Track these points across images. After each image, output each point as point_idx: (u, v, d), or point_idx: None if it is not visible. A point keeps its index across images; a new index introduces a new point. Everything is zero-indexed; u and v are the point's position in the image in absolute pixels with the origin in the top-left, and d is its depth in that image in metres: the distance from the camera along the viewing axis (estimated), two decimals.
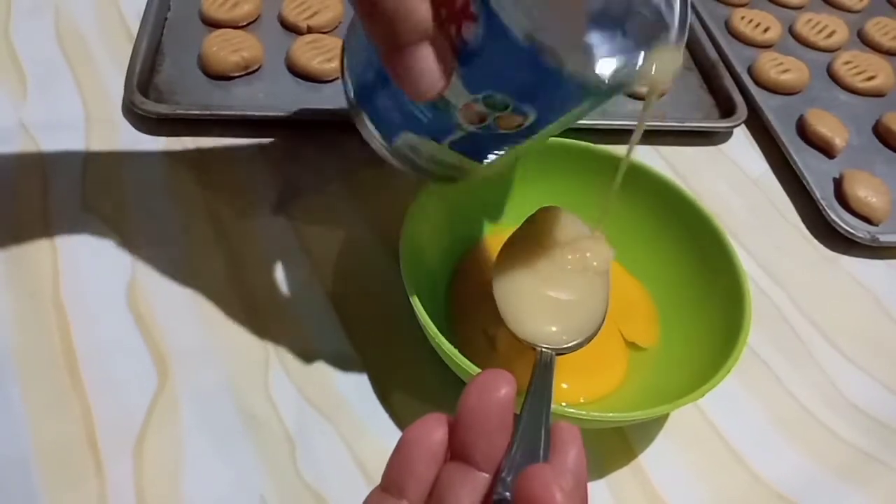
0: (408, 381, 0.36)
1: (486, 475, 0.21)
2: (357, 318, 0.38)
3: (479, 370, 0.29)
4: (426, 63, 0.23)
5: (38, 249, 0.38)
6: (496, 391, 0.21)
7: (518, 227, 0.35)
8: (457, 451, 0.22)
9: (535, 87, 0.24)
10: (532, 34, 0.22)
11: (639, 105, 0.52)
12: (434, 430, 0.22)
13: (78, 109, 0.46)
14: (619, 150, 0.39)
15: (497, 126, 0.26)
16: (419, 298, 0.31)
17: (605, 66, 0.23)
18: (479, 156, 0.29)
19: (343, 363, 0.36)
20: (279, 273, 0.39)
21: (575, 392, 0.35)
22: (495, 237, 0.40)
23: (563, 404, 0.34)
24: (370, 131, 0.30)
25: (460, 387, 0.23)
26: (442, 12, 0.23)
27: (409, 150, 0.30)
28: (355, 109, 0.31)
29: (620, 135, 0.49)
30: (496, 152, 0.29)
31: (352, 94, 0.31)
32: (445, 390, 0.34)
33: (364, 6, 0.22)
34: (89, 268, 0.38)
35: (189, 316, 0.37)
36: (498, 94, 0.25)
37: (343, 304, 0.38)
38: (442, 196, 0.37)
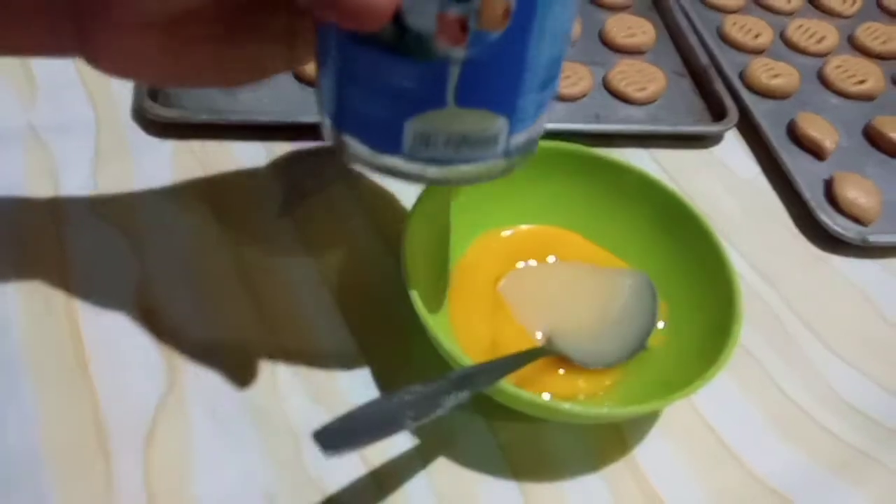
0: (410, 378, 0.36)
1: None
2: (361, 317, 0.39)
3: None
4: None
5: (47, 251, 0.39)
6: None
7: None
8: None
9: None
10: None
11: (633, 110, 0.53)
12: None
13: (87, 113, 0.47)
14: (613, 154, 0.40)
15: (485, 30, 0.23)
16: (420, 298, 0.33)
17: None
18: (498, 101, 0.26)
19: (347, 361, 0.37)
20: (285, 273, 0.40)
21: (572, 388, 0.36)
22: (495, 237, 0.41)
23: (559, 400, 0.34)
24: (372, 156, 0.27)
25: None
26: None
27: (424, 146, 0.26)
28: (353, 149, 0.28)
29: (614, 139, 0.50)
30: (511, 87, 0.25)
31: (335, 127, 0.28)
32: None
33: None
34: (98, 269, 0.39)
35: (197, 316, 0.38)
36: None
37: (347, 304, 0.39)
38: (443, 197, 0.38)
